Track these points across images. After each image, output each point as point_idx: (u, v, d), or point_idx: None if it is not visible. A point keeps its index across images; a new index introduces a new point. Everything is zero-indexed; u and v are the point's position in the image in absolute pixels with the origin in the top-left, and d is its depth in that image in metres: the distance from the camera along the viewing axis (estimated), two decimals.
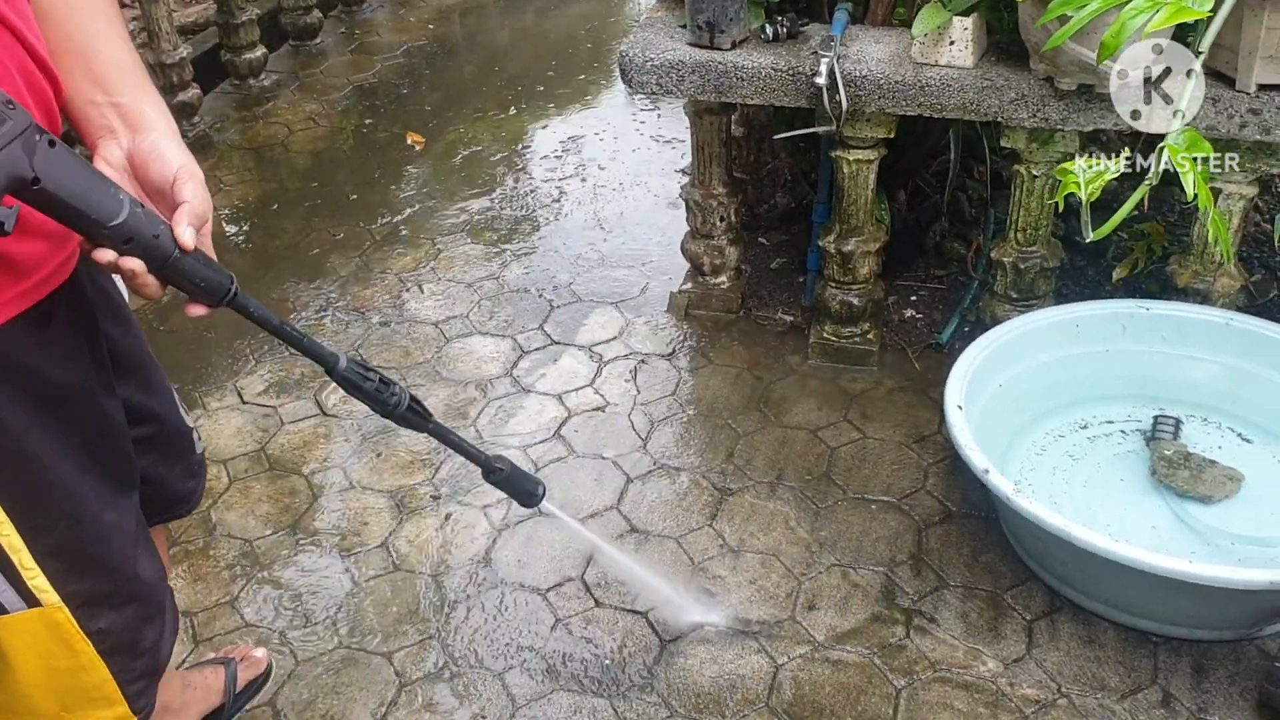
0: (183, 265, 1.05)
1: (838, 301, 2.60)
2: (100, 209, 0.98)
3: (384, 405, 1.36)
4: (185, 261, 1.05)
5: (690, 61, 2.37)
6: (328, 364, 1.29)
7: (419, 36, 4.78)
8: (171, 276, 1.06)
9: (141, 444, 1.39)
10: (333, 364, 1.29)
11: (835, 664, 1.95)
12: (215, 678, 1.93)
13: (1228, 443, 2.27)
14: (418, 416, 1.42)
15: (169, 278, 1.06)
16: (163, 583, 1.41)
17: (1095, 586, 1.97)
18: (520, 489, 1.64)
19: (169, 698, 1.80)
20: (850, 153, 2.39)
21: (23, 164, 0.92)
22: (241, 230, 3.41)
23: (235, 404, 2.63)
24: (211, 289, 1.10)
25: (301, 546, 2.24)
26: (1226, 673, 1.90)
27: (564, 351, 2.79)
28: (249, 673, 1.98)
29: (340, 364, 1.30)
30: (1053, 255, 2.46)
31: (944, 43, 2.23)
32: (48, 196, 0.95)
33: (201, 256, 1.07)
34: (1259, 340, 2.25)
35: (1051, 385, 2.33)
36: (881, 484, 2.33)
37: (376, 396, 1.34)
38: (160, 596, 1.39)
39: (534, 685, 1.93)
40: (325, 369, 1.30)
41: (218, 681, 1.93)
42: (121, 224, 0.99)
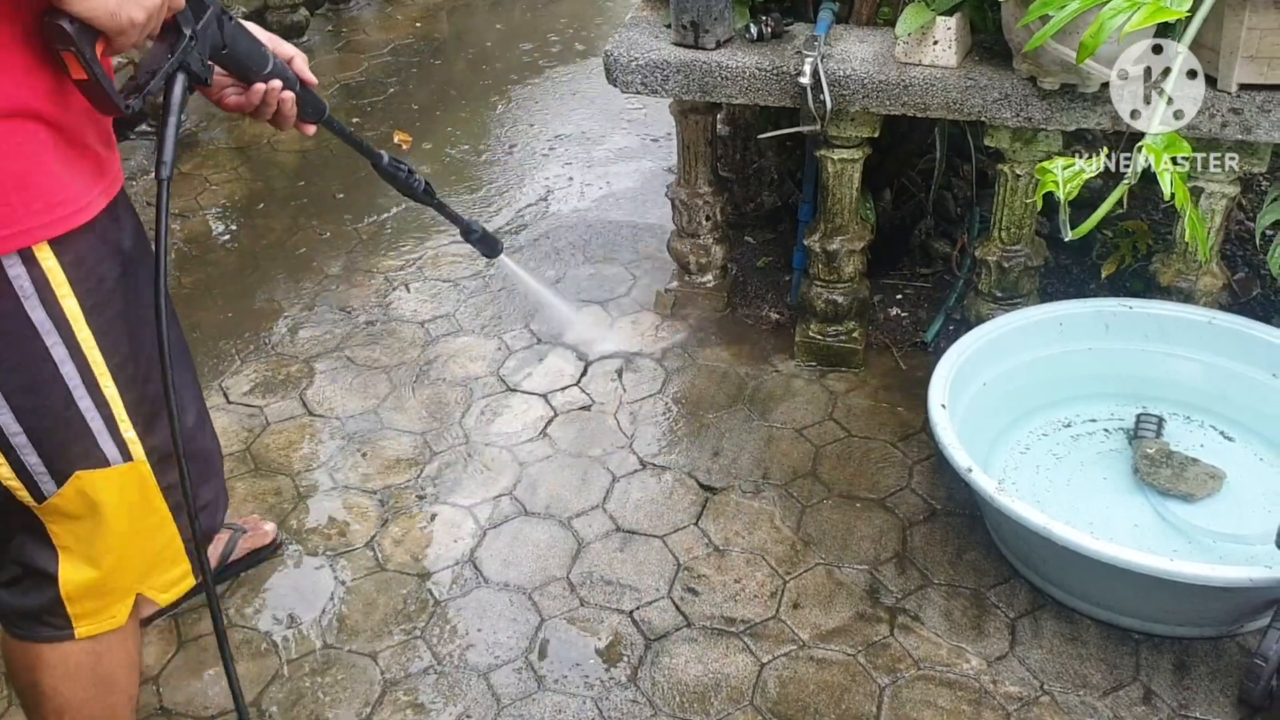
0: (306, 93, 1.52)
1: (823, 300, 2.60)
2: (259, 62, 1.41)
3: (412, 190, 1.85)
4: (304, 93, 1.52)
5: (675, 61, 2.37)
6: (374, 158, 1.77)
7: (406, 35, 4.77)
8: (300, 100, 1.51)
9: None
10: (377, 159, 1.77)
11: (819, 662, 1.96)
12: (217, 542, 2.11)
13: (1210, 441, 2.28)
14: (428, 195, 1.91)
15: (299, 100, 1.50)
16: (219, 453, 1.56)
17: (1077, 584, 1.98)
18: (492, 245, 2.22)
19: None
20: (835, 152, 2.40)
21: (217, 37, 1.33)
22: (229, 229, 3.41)
23: (221, 403, 2.63)
24: (318, 109, 1.57)
25: (287, 546, 2.24)
26: (1208, 669, 1.91)
27: (550, 350, 2.79)
28: (252, 542, 2.17)
29: (384, 160, 1.78)
30: (1037, 254, 2.47)
31: (928, 42, 2.23)
32: (229, 58, 1.36)
33: (310, 91, 1.53)
34: (1241, 339, 2.26)
35: (1035, 384, 2.34)
36: (866, 482, 2.34)
37: (407, 184, 1.83)
38: (217, 463, 1.54)
39: (519, 685, 1.94)
40: (371, 163, 1.78)
41: (216, 548, 2.10)
42: (270, 70, 1.43)
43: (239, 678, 1.95)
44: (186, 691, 1.95)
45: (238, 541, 2.17)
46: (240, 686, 1.54)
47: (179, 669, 1.99)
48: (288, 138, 3.91)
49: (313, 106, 1.56)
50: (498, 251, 2.26)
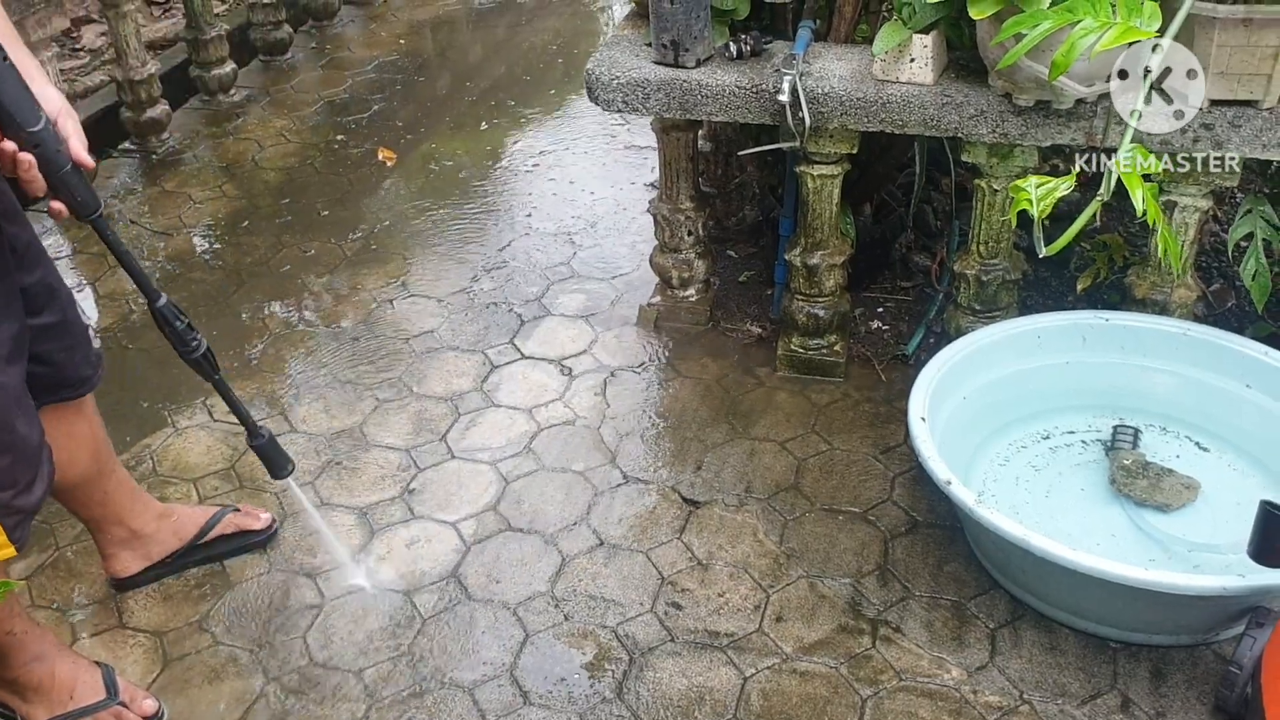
0: (70, 178, 1.39)
1: (804, 314, 2.63)
2: (26, 116, 1.32)
3: (185, 346, 1.71)
4: (73, 175, 1.40)
5: (655, 79, 2.39)
6: (150, 297, 1.66)
7: (390, 51, 4.79)
8: (59, 183, 1.39)
9: (45, 330, 1.72)
10: (154, 298, 1.66)
11: (802, 675, 1.97)
12: (201, 513, 2.21)
13: (1186, 451, 2.31)
14: (209, 365, 1.76)
15: (55, 183, 1.39)
16: (40, 441, 1.67)
17: (1056, 594, 2.00)
18: (275, 460, 1.95)
19: (141, 525, 2.12)
20: (814, 168, 2.43)
21: None
22: (212, 247, 3.41)
23: (205, 421, 2.63)
24: (88, 203, 1.44)
25: (271, 564, 2.25)
26: (1184, 677, 1.93)
27: (534, 365, 2.80)
28: (243, 521, 2.25)
29: (160, 301, 1.66)
30: (1015, 267, 2.50)
31: (905, 60, 2.26)
32: None
33: (84, 176, 1.42)
34: (1215, 350, 2.29)
35: (1014, 396, 2.37)
36: (849, 495, 2.36)
37: (182, 337, 1.70)
38: (37, 452, 1.65)
39: (504, 700, 1.95)
40: (148, 301, 1.67)
41: (199, 517, 2.20)
42: (37, 131, 1.33)
43: (223, 696, 1.97)
44: (173, 708, 1.96)
45: (225, 514, 2.24)
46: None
47: (163, 688, 2.00)
48: (273, 154, 3.92)
49: (83, 195, 1.41)
50: (285, 472, 1.96)
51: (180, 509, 2.24)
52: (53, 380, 1.80)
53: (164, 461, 2.52)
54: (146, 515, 2.13)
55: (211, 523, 2.21)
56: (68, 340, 1.80)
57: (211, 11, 4.17)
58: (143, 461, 2.52)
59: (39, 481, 1.67)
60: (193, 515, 2.22)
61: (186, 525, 2.20)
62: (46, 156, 1.36)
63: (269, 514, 2.30)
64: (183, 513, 2.22)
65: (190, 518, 2.21)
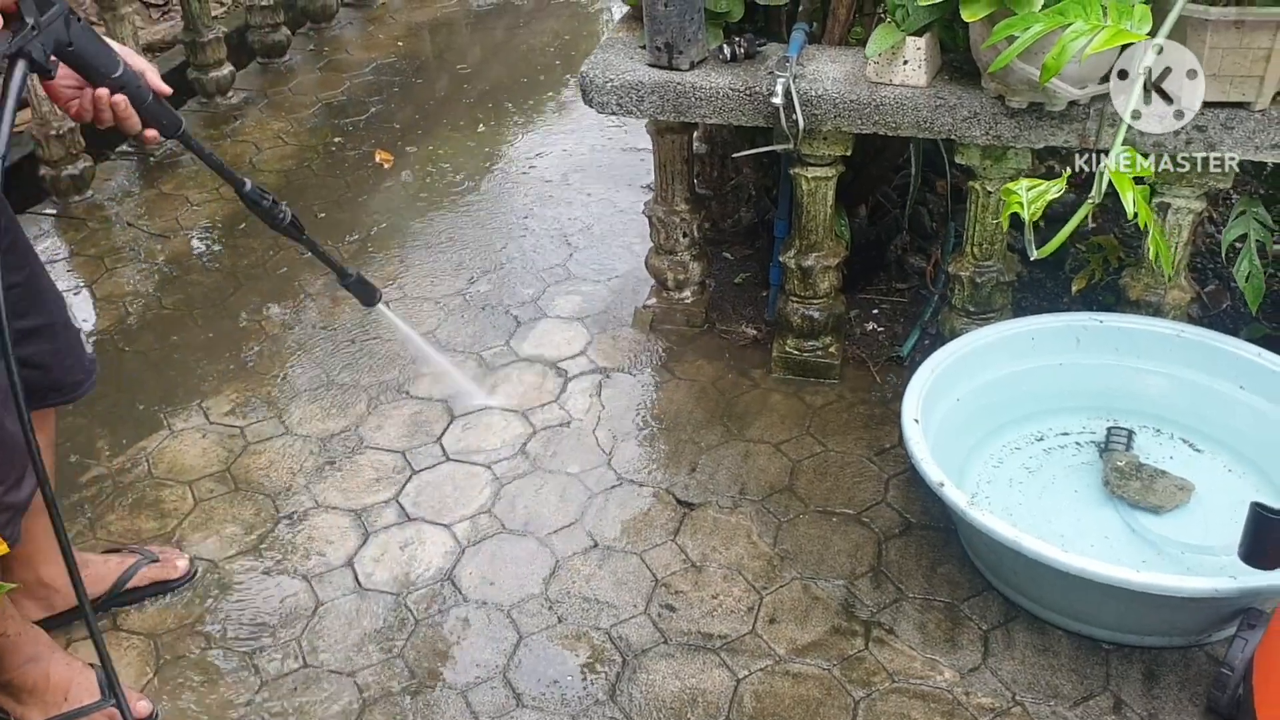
0: (154, 108, 1.57)
1: (799, 316, 2.63)
2: (107, 64, 1.49)
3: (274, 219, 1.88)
4: (155, 105, 1.58)
5: (649, 82, 2.40)
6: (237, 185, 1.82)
7: (388, 53, 4.79)
8: (147, 114, 1.57)
9: (34, 332, 1.74)
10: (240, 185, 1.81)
11: (795, 677, 1.97)
12: (116, 566, 2.14)
13: (1179, 453, 2.31)
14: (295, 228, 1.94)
15: (144, 115, 1.57)
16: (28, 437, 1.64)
17: (1048, 596, 2.00)
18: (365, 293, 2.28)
19: (51, 575, 2.01)
20: (808, 170, 2.43)
21: (63, 33, 1.41)
22: (210, 249, 3.42)
23: (201, 424, 2.64)
24: (174, 123, 1.62)
25: (266, 566, 2.25)
26: (1176, 679, 1.93)
27: (530, 367, 2.81)
28: (158, 572, 2.17)
29: (246, 186, 1.82)
30: (1009, 269, 2.50)
31: (898, 62, 2.27)
32: (75, 55, 1.45)
33: (164, 103, 1.58)
34: (1209, 352, 2.29)
35: (1008, 398, 2.37)
36: (843, 497, 2.36)
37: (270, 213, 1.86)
38: (24, 448, 1.60)
39: (497, 702, 1.95)
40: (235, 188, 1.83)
41: (112, 572, 2.12)
42: (120, 75, 1.50)
43: (217, 697, 1.97)
44: (167, 711, 1.96)
45: (140, 569, 2.14)
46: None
47: (157, 691, 2.00)
48: (271, 157, 3.93)
49: (167, 119, 1.61)
50: (375, 300, 2.30)
51: (96, 561, 2.13)
52: (42, 384, 1.79)
53: (159, 464, 2.53)
54: (59, 565, 1.92)
55: (125, 577, 2.13)
56: (56, 343, 1.80)
57: (209, 14, 4.17)
58: (138, 464, 2.53)
59: (28, 478, 1.66)
60: (107, 571, 2.12)
61: (98, 583, 2.09)
62: (133, 94, 1.54)
63: (185, 560, 2.21)
64: (97, 567, 2.11)
65: (104, 573, 2.11)
